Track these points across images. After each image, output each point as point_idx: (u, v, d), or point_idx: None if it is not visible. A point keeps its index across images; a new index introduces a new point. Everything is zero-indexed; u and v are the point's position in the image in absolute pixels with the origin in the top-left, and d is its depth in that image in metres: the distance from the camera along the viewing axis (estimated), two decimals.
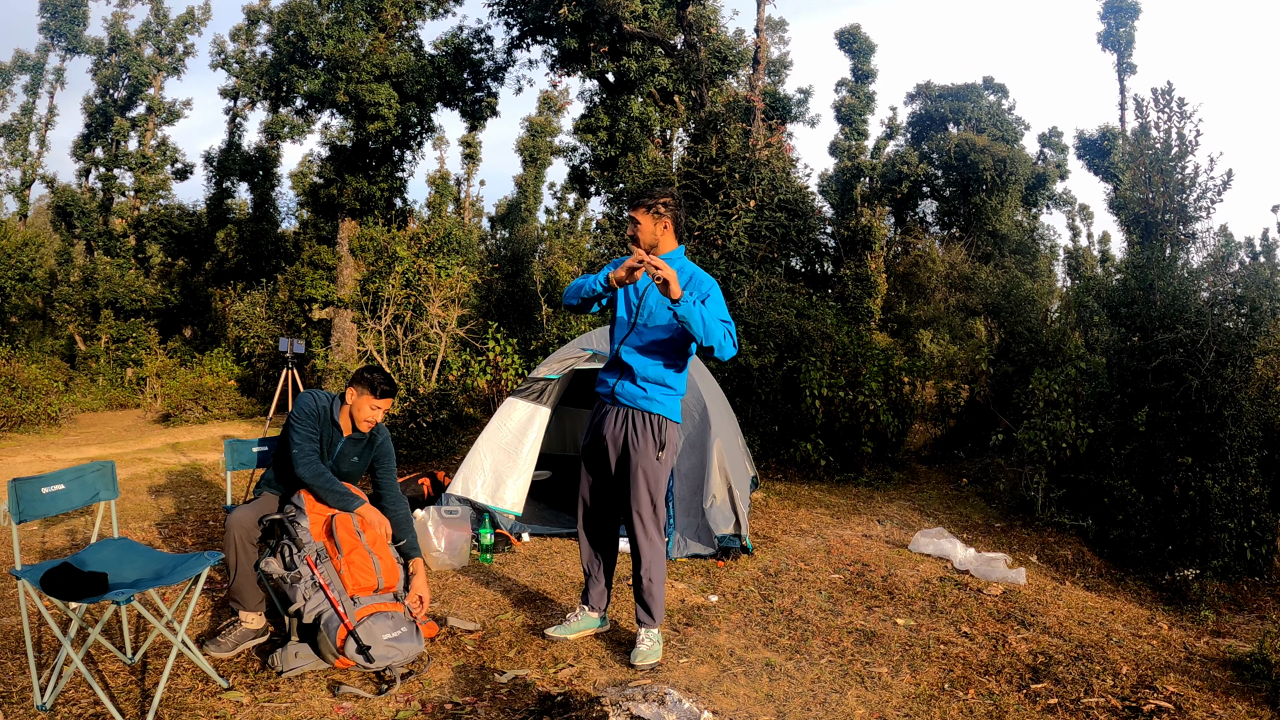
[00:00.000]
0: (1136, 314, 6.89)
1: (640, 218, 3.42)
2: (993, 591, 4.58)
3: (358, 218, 16.55)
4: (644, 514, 3.41)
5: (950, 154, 21.73)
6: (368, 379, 3.55)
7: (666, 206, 3.41)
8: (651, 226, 3.41)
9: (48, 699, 2.80)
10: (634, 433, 3.38)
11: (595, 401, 3.59)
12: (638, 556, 3.44)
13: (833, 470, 7.86)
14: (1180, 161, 8.22)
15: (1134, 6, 20.62)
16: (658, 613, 3.44)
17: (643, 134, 18.14)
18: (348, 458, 3.65)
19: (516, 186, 31.32)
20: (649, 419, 3.40)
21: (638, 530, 3.42)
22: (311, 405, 3.55)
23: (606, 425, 3.45)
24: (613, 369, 3.49)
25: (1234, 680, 3.49)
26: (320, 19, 15.71)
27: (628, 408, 3.42)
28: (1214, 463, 6.03)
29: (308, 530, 3.29)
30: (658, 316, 3.39)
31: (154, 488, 6.92)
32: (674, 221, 3.44)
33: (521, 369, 8.92)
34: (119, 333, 17.86)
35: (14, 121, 19.90)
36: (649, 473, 3.39)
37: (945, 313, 17.39)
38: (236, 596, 3.34)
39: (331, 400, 3.64)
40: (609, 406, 3.48)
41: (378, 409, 3.57)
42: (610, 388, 3.46)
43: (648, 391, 3.40)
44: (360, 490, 3.54)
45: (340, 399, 3.63)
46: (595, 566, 3.60)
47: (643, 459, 3.37)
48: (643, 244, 3.43)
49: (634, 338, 3.42)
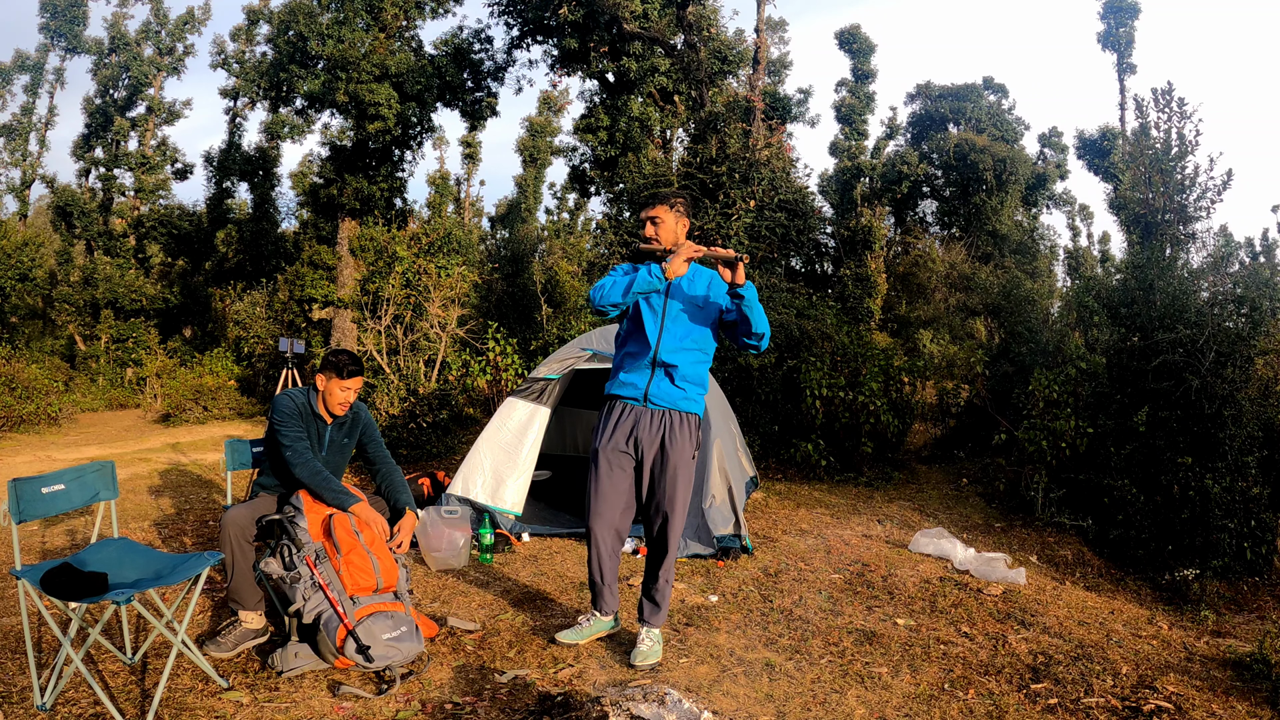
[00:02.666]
0: (1136, 314, 6.89)
1: (663, 215, 3.42)
2: (993, 591, 4.58)
3: (358, 218, 16.54)
4: (677, 515, 3.40)
5: (950, 154, 21.72)
6: (333, 362, 3.63)
7: (684, 206, 3.48)
8: (674, 224, 3.44)
9: (48, 699, 2.80)
10: (672, 435, 3.36)
11: (611, 403, 3.48)
12: (659, 557, 3.44)
13: (833, 470, 7.86)
14: (1180, 161, 8.22)
15: (1134, 6, 20.61)
16: (664, 613, 3.47)
17: (643, 134, 18.14)
18: (336, 444, 3.76)
19: (516, 186, 31.31)
20: (687, 420, 3.39)
21: (669, 531, 3.40)
22: (291, 405, 3.62)
23: (642, 428, 3.36)
24: (642, 370, 3.40)
25: (1234, 680, 3.49)
26: (320, 19, 15.71)
27: (665, 409, 3.38)
28: (1214, 463, 6.03)
29: (306, 530, 3.29)
30: (688, 313, 3.39)
31: (154, 488, 6.92)
32: (690, 220, 3.51)
33: (521, 369, 8.92)
34: (119, 333, 17.86)
35: (14, 121, 19.90)
36: (686, 473, 3.39)
37: (945, 313, 17.40)
38: (235, 596, 3.35)
39: (307, 393, 3.72)
40: (638, 408, 3.39)
41: (348, 389, 3.65)
42: (643, 390, 3.38)
43: (687, 392, 3.39)
44: (358, 489, 3.54)
45: (313, 390, 3.71)
46: (607, 569, 3.54)
47: (681, 460, 3.36)
48: (664, 241, 3.43)
49: (670, 335, 3.38)
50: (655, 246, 3.42)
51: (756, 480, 6.98)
